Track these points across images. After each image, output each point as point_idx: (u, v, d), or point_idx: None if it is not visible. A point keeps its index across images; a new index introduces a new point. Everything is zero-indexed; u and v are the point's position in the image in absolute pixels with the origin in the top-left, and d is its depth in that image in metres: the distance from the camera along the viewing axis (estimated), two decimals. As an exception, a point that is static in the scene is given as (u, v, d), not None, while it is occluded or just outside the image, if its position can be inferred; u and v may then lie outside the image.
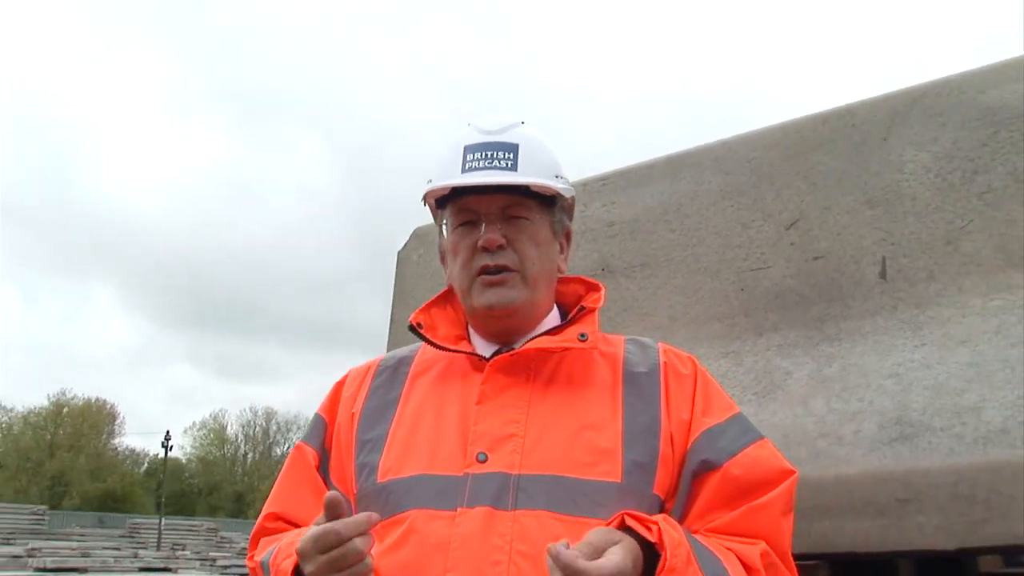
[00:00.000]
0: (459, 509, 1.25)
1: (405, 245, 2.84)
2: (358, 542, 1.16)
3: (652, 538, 1.16)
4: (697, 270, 2.14)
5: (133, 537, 34.14)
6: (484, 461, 1.28)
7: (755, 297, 2.02)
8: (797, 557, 1.67)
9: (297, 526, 1.41)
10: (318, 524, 1.18)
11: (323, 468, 1.45)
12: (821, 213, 1.97)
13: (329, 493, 1.18)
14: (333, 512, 1.16)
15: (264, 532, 1.45)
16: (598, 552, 1.09)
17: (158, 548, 31.09)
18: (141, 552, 28.08)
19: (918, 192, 1.85)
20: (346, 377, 1.52)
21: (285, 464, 1.50)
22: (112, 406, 60.34)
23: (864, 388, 1.76)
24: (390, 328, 2.83)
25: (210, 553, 30.47)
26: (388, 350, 2.65)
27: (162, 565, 25.86)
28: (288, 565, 1.23)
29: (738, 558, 1.24)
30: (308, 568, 1.18)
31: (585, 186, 2.42)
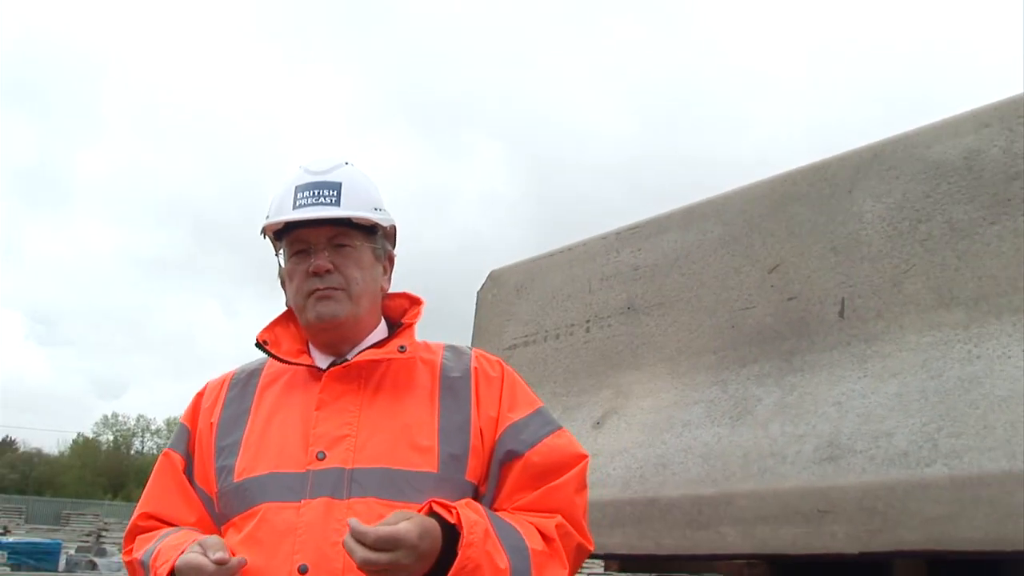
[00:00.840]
0: (303, 501, 1.44)
1: (483, 286, 3.30)
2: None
3: (452, 520, 1.36)
4: (699, 309, 2.43)
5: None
6: (323, 459, 1.48)
7: (742, 333, 2.30)
8: (742, 556, 1.97)
9: (169, 523, 1.59)
10: (194, 552, 1.36)
11: (188, 471, 1.62)
12: (797, 259, 2.22)
13: (218, 553, 1.35)
14: (218, 560, 1.34)
15: (138, 530, 1.61)
16: (391, 523, 1.31)
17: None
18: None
19: (872, 239, 2.07)
20: (204, 389, 1.71)
21: (154, 469, 1.67)
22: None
23: (812, 414, 2.00)
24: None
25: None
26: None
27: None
28: (164, 570, 1.40)
29: (537, 529, 1.45)
30: None
31: (618, 234, 2.78)
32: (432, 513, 1.38)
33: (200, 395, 1.69)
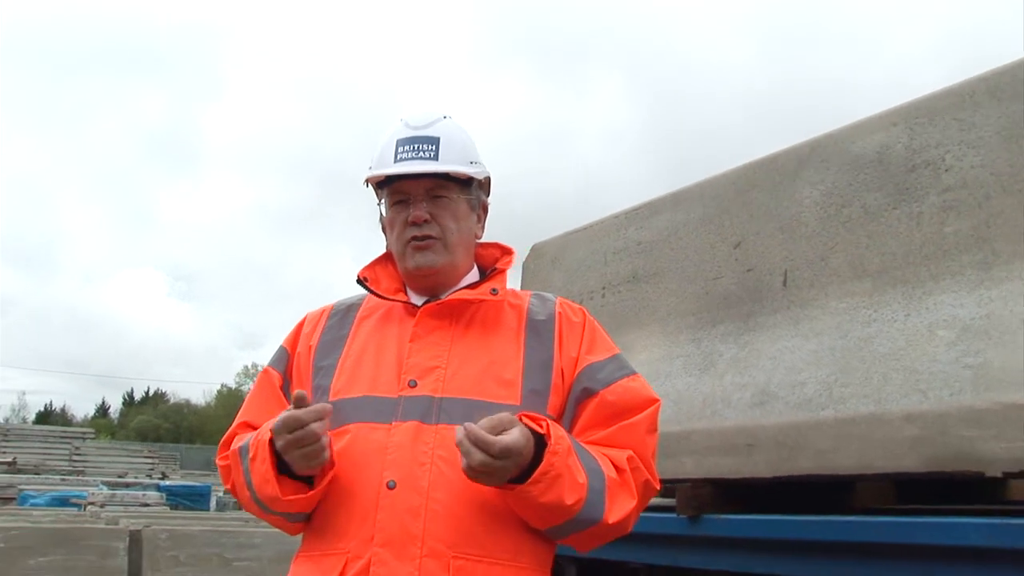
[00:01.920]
0: (394, 423, 1.52)
1: (527, 257, 3.83)
2: (315, 426, 1.43)
3: (541, 430, 1.43)
4: (683, 278, 2.89)
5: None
6: (414, 387, 1.56)
7: (713, 298, 2.74)
8: (695, 481, 2.47)
9: None
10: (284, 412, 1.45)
11: (285, 388, 1.71)
12: (754, 237, 2.64)
13: (297, 391, 1.44)
14: (298, 404, 1.43)
15: (234, 437, 1.69)
16: (498, 428, 1.38)
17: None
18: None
19: (809, 221, 2.47)
20: (305, 318, 1.80)
21: (254, 385, 1.77)
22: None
23: (754, 367, 2.45)
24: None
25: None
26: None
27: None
28: (265, 436, 1.51)
29: (609, 459, 1.53)
30: (279, 443, 1.46)
31: (627, 214, 3.24)
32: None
33: (301, 323, 1.79)
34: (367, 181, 1.71)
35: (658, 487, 1.64)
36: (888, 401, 2.00)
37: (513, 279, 4.04)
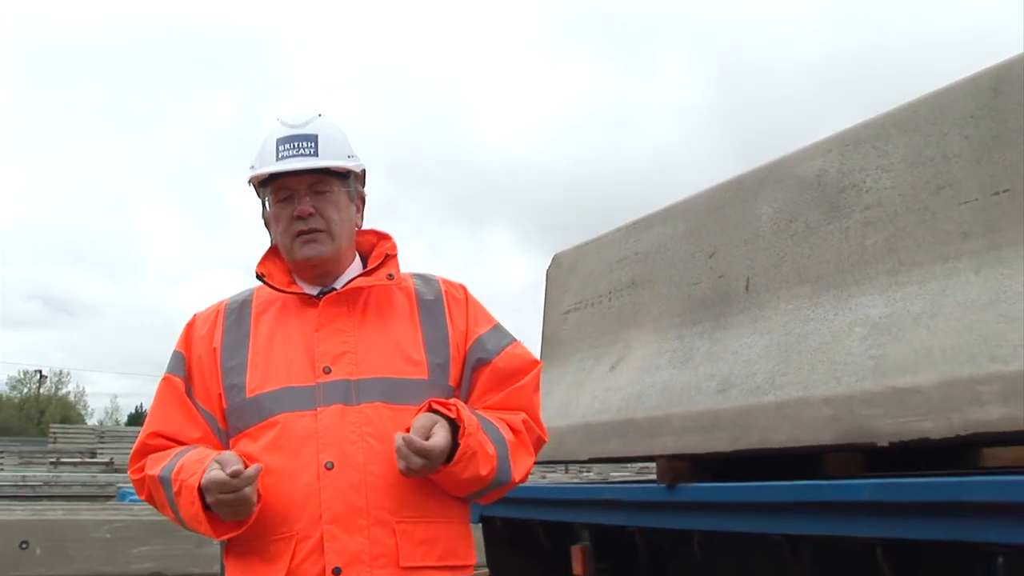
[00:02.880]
0: (319, 408, 1.61)
1: (549, 266, 4.31)
2: (247, 491, 1.49)
3: (452, 415, 1.59)
4: (671, 284, 3.33)
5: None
6: (329, 372, 1.64)
7: (694, 301, 3.18)
8: (671, 456, 2.91)
9: (178, 442, 1.69)
10: (214, 470, 1.50)
11: (189, 392, 1.73)
12: (724, 248, 3.07)
13: (233, 467, 1.48)
14: (234, 476, 1.48)
15: (148, 448, 1.71)
16: (426, 432, 1.54)
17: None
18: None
19: (765, 235, 2.89)
20: (194, 319, 1.82)
21: (157, 393, 1.77)
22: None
23: (720, 360, 2.89)
24: (543, 319, 4.30)
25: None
26: (546, 336, 4.17)
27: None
28: (191, 481, 1.54)
29: (507, 424, 1.71)
30: (208, 499, 1.52)
31: (628, 228, 3.70)
32: (432, 409, 1.61)
33: (191, 324, 1.82)
34: (250, 180, 1.78)
35: (546, 439, 1.84)
36: (813, 387, 2.42)
37: (544, 289, 4.44)
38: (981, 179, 2.19)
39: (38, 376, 58.25)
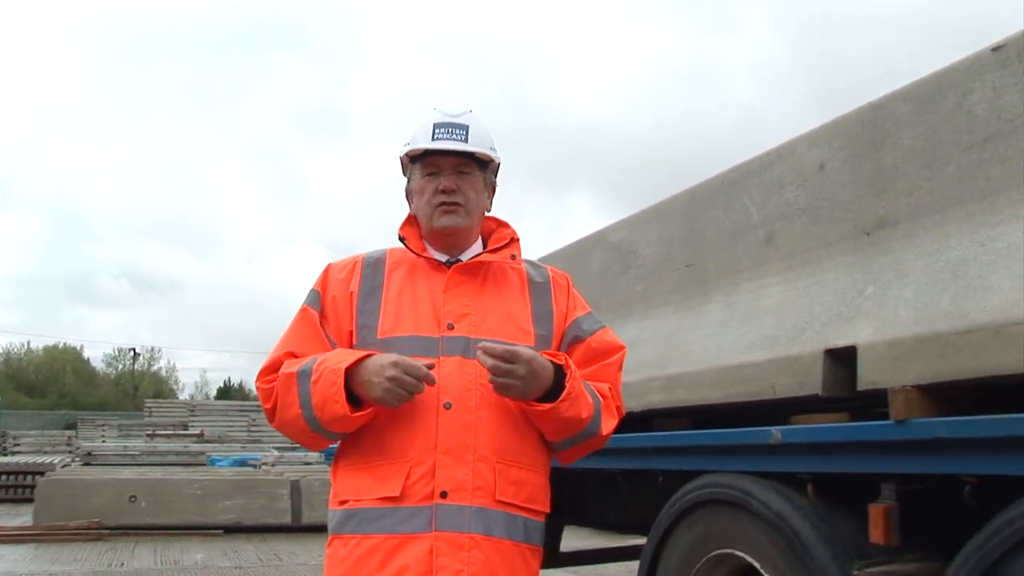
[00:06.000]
0: (441, 357, 1.80)
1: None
2: (422, 385, 1.71)
3: (560, 361, 1.79)
4: (661, 272, 3.91)
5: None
6: (452, 328, 1.83)
7: (676, 284, 3.76)
8: (667, 411, 3.50)
9: None
10: (401, 355, 1.72)
11: (322, 325, 1.90)
12: (705, 238, 3.64)
13: (429, 373, 1.70)
14: (429, 364, 1.73)
15: (279, 365, 1.85)
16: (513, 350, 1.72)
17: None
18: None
19: (746, 229, 3.44)
20: (329, 267, 2.00)
21: (293, 321, 1.94)
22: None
23: (703, 330, 3.47)
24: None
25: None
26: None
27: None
28: (340, 367, 1.72)
29: (596, 389, 1.91)
30: (389, 372, 1.69)
31: (626, 225, 4.29)
32: None
33: (327, 270, 2.01)
34: (405, 155, 1.98)
35: (624, 412, 2.05)
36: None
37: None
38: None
39: (132, 353, 61.17)
